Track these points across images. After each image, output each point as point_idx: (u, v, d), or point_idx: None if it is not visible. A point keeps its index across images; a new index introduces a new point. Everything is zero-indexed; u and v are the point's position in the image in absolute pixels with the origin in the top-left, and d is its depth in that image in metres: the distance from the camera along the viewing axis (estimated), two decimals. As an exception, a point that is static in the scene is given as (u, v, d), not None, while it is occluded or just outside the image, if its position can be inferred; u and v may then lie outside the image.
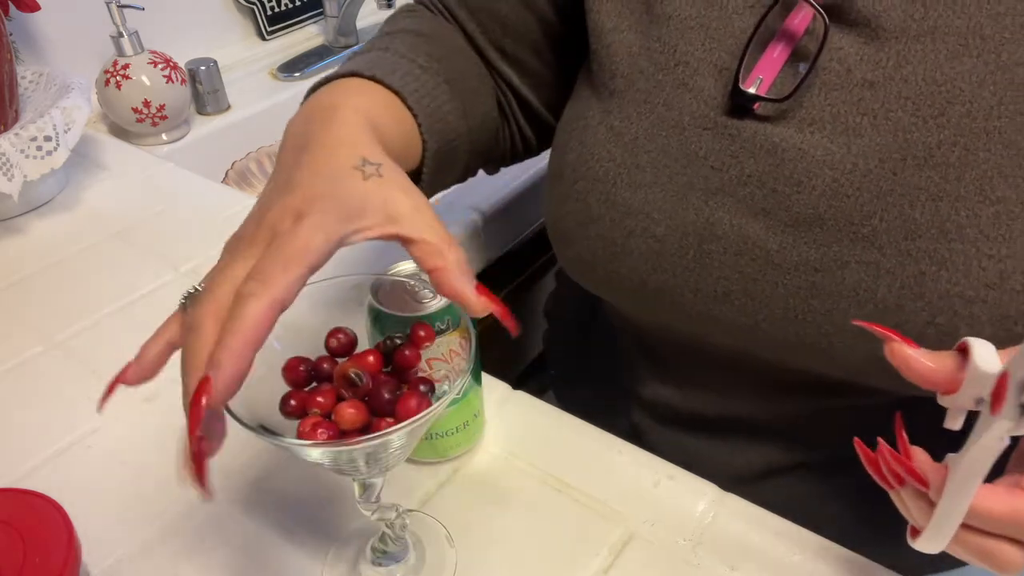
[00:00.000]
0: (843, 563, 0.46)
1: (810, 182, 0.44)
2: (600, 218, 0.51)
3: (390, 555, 0.46)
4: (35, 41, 0.94)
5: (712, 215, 0.47)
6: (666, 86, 0.49)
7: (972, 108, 0.42)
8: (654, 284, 0.50)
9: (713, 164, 0.47)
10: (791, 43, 0.45)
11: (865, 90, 0.44)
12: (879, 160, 0.43)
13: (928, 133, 0.42)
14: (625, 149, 0.50)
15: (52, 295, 0.69)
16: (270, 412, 0.39)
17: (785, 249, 0.46)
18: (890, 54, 0.43)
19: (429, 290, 0.45)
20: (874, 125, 0.43)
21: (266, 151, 1.03)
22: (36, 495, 0.44)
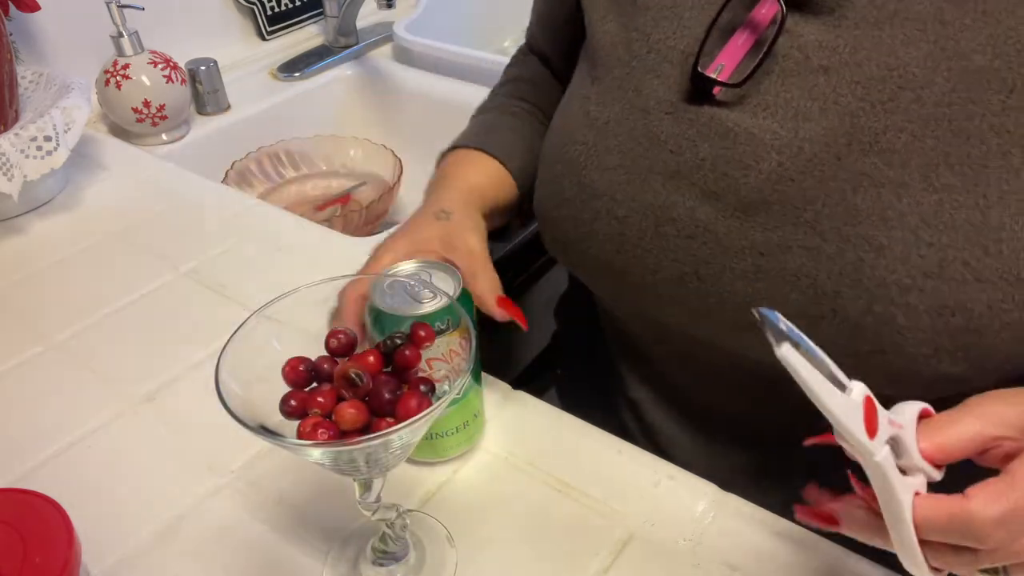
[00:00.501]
0: (843, 563, 0.46)
1: (757, 166, 0.45)
2: (571, 200, 0.52)
3: (390, 555, 0.46)
4: (35, 41, 0.94)
5: (668, 198, 0.48)
6: (638, 72, 0.50)
7: (923, 94, 0.41)
8: (618, 265, 0.51)
9: (672, 148, 0.48)
10: (755, 32, 0.46)
11: (819, 76, 0.44)
12: (824, 145, 0.43)
13: (875, 118, 0.42)
14: (598, 133, 0.51)
15: (52, 295, 0.69)
16: (270, 412, 0.39)
17: (733, 232, 0.46)
18: (847, 40, 0.43)
19: (429, 290, 0.45)
20: (823, 110, 0.43)
21: (266, 151, 1.03)
22: (36, 495, 0.44)
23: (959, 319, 0.41)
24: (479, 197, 0.59)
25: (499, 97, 0.70)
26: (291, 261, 0.72)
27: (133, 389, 0.59)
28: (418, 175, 1.06)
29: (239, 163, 0.99)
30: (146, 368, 0.61)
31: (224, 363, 0.38)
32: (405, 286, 0.46)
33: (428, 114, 1.10)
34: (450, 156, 0.64)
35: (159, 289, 0.69)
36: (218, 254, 0.73)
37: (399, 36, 1.10)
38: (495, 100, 0.70)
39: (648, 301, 0.52)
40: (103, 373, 0.61)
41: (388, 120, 1.15)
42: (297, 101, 1.09)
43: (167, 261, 0.73)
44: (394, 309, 0.44)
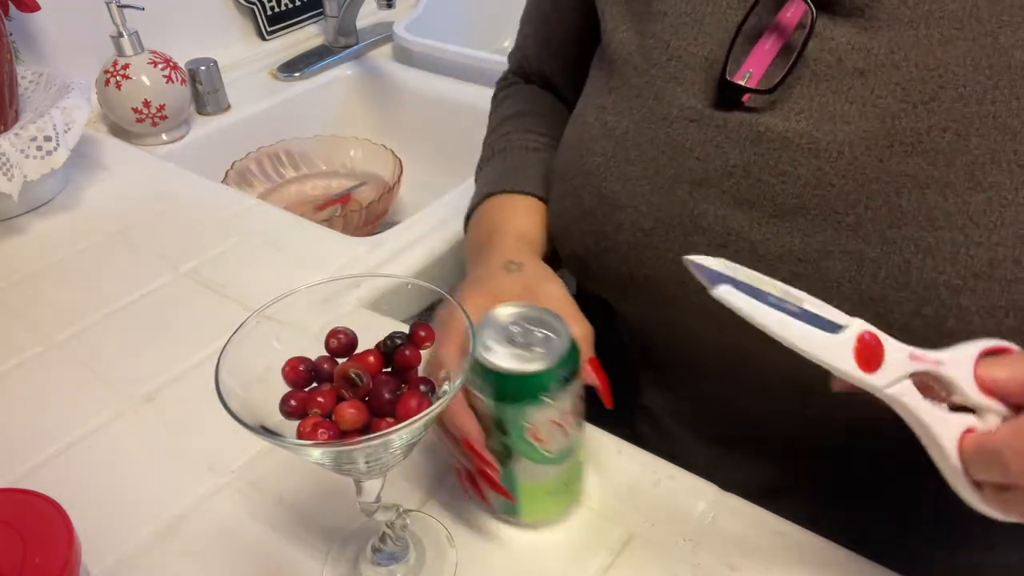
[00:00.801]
0: (843, 563, 0.46)
1: (795, 171, 0.44)
2: (591, 212, 0.51)
3: (390, 555, 0.46)
4: (35, 41, 0.94)
5: (697, 207, 0.47)
6: (657, 80, 0.49)
7: (965, 92, 0.41)
8: (642, 277, 0.50)
9: (699, 156, 0.47)
10: (783, 37, 0.45)
11: (855, 79, 0.43)
12: (865, 147, 0.43)
13: (918, 119, 0.42)
14: (616, 143, 0.50)
15: (52, 295, 0.69)
16: (270, 412, 0.39)
17: (768, 240, 0.45)
18: (882, 41, 0.43)
19: (538, 331, 0.42)
20: (862, 112, 0.43)
21: (266, 151, 1.03)
22: (36, 495, 0.44)
23: (1012, 320, 0.40)
24: (538, 243, 0.56)
25: (511, 136, 0.66)
26: (291, 261, 0.72)
27: (133, 389, 0.59)
28: (418, 175, 1.07)
29: (239, 163, 0.99)
30: (146, 368, 0.61)
31: (224, 363, 0.38)
32: (508, 337, 0.42)
33: (428, 114, 1.10)
34: (485, 206, 0.60)
35: (159, 289, 0.69)
36: (218, 254, 0.73)
37: (399, 36, 1.10)
38: (506, 140, 0.66)
39: (676, 313, 0.51)
40: (103, 373, 0.61)
41: (388, 120, 1.15)
42: (297, 101, 1.09)
43: (167, 261, 0.73)
44: (507, 364, 0.40)
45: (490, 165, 0.65)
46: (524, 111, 0.68)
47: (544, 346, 0.41)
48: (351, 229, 0.90)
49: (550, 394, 0.41)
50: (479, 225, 0.59)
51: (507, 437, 0.43)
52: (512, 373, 0.40)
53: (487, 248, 0.55)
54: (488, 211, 0.60)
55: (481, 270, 0.52)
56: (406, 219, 0.79)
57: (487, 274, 0.51)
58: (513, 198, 0.59)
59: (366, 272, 0.70)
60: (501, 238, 0.55)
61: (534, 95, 0.70)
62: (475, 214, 0.61)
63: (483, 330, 0.42)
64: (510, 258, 0.51)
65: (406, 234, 0.76)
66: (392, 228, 0.78)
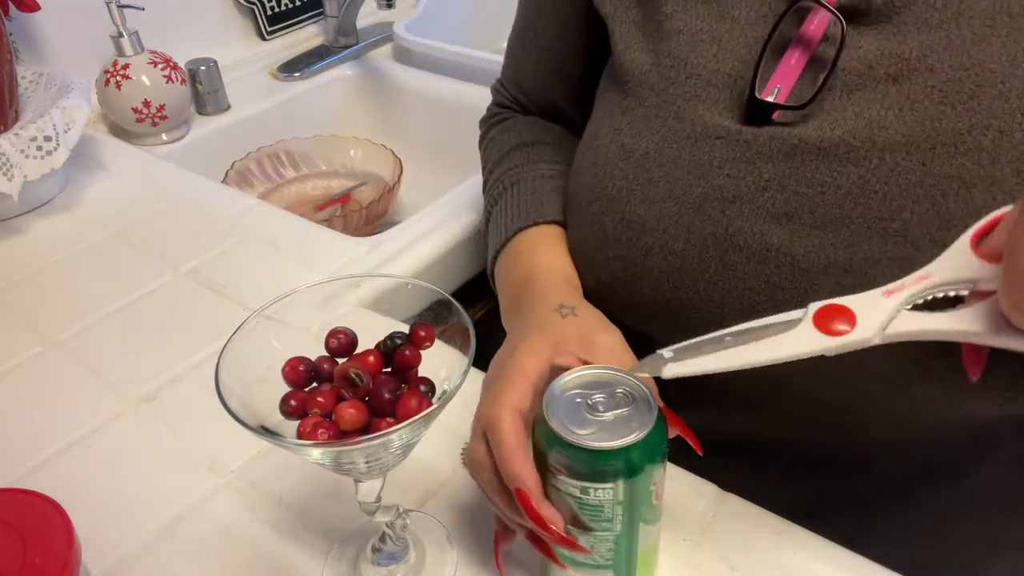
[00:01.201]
0: (843, 563, 0.46)
1: (834, 181, 0.43)
2: (617, 238, 0.49)
3: (390, 555, 0.46)
4: (35, 41, 0.94)
5: (731, 224, 0.46)
6: (677, 99, 0.48)
7: (1004, 89, 0.40)
8: (678, 302, 0.48)
9: (729, 172, 0.46)
10: (808, 50, 0.45)
11: (888, 85, 0.43)
12: (906, 152, 0.42)
13: (958, 119, 0.41)
14: (637, 165, 0.49)
15: (52, 295, 0.69)
16: (270, 412, 0.39)
17: (811, 253, 0.44)
18: (912, 46, 0.42)
19: (613, 391, 0.40)
20: (899, 117, 0.42)
21: (266, 151, 1.03)
22: (36, 495, 0.44)
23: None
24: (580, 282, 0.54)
25: (520, 168, 0.62)
26: (291, 261, 0.72)
27: (133, 389, 0.59)
28: (418, 175, 1.07)
29: (239, 163, 0.99)
30: (146, 368, 0.61)
31: (224, 363, 0.38)
32: (591, 410, 0.39)
33: (428, 114, 1.10)
34: (513, 245, 0.57)
35: (159, 289, 0.69)
36: (218, 254, 0.73)
37: (399, 36, 1.10)
38: (516, 173, 0.62)
39: None
40: (103, 373, 0.61)
41: (388, 120, 1.15)
42: (297, 101, 1.09)
43: (167, 261, 0.73)
44: (633, 436, 0.37)
45: (504, 201, 0.61)
46: (528, 142, 0.65)
47: (632, 402, 0.39)
48: (351, 229, 0.90)
49: (666, 443, 0.39)
50: (512, 267, 0.56)
51: (632, 517, 0.39)
52: (638, 442, 0.37)
53: (530, 291, 0.51)
54: (518, 250, 0.56)
55: (531, 316, 0.48)
56: (406, 219, 0.79)
57: (540, 320, 0.47)
58: (541, 232, 0.56)
59: (366, 272, 0.70)
60: (543, 278, 0.52)
61: (538, 125, 0.67)
62: (502, 256, 0.57)
63: (568, 416, 0.38)
64: (561, 302, 0.48)
65: (406, 234, 0.76)
66: (392, 228, 0.78)
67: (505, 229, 0.58)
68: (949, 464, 0.55)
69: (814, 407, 0.49)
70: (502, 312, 0.54)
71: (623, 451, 0.36)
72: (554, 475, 0.38)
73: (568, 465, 0.37)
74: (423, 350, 0.41)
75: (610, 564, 0.41)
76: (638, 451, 0.37)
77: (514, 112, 0.70)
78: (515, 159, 0.63)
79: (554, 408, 0.38)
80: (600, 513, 0.38)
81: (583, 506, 0.38)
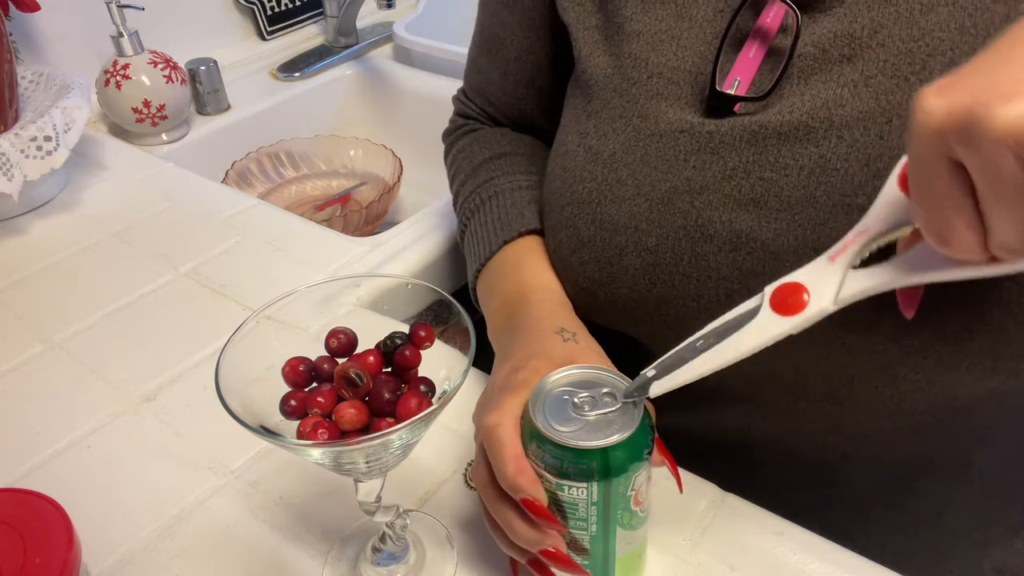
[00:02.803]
0: (843, 563, 0.46)
1: (796, 163, 0.44)
2: (591, 240, 0.50)
3: (390, 555, 0.46)
4: (35, 41, 0.94)
5: (700, 215, 0.46)
6: (640, 99, 0.49)
7: (954, 56, 0.41)
8: (655, 299, 0.49)
9: (694, 164, 0.47)
10: (766, 42, 0.45)
11: (843, 65, 0.43)
12: (863, 128, 0.43)
13: (911, 90, 0.41)
14: (605, 166, 0.49)
15: (52, 295, 0.69)
16: (270, 412, 0.39)
17: (780, 235, 0.45)
18: (863, 23, 0.43)
19: (598, 391, 0.40)
20: (854, 95, 0.43)
21: (266, 151, 1.03)
22: (36, 495, 0.44)
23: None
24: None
25: (495, 181, 0.61)
26: (291, 261, 0.72)
27: (133, 389, 0.59)
28: (418, 175, 1.07)
29: (239, 163, 0.99)
30: (146, 368, 0.61)
31: (224, 363, 0.38)
32: (576, 410, 0.39)
33: (428, 114, 1.10)
34: (497, 260, 0.56)
35: (159, 289, 0.69)
36: (218, 254, 0.73)
37: (399, 36, 1.10)
38: (491, 186, 0.61)
39: (691, 328, 0.50)
40: (103, 373, 0.61)
41: (388, 120, 1.15)
42: (297, 101, 1.09)
43: (167, 261, 0.73)
44: (614, 437, 0.37)
45: (482, 215, 0.60)
46: (501, 153, 0.64)
47: (618, 405, 0.39)
48: (351, 229, 0.90)
49: (649, 448, 0.39)
50: (499, 282, 0.55)
51: (607, 520, 0.39)
52: (619, 442, 0.37)
53: (524, 311, 0.51)
54: (504, 264, 0.56)
55: (531, 337, 0.48)
56: (406, 219, 0.79)
57: (543, 342, 0.47)
58: (525, 244, 0.56)
59: (366, 272, 0.70)
60: (539, 298, 0.52)
61: (508, 136, 0.66)
62: (487, 270, 0.57)
63: (552, 411, 0.38)
64: (562, 326, 0.48)
65: (406, 234, 0.76)
66: (392, 228, 0.78)
67: (488, 243, 0.57)
68: (941, 456, 0.55)
69: (804, 399, 0.50)
70: (489, 329, 0.53)
71: (599, 452, 0.37)
72: (532, 466, 0.39)
73: (544, 459, 0.38)
74: (423, 350, 0.41)
75: (586, 564, 0.41)
76: (614, 454, 0.37)
77: (481, 123, 0.69)
78: (489, 171, 0.62)
79: (540, 402, 0.39)
80: (575, 511, 0.39)
81: (559, 502, 0.39)
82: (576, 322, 0.50)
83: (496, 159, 0.63)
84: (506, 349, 0.48)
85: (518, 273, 0.54)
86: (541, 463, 0.38)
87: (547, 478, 0.38)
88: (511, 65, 0.63)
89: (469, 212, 0.61)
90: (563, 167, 0.52)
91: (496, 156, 0.64)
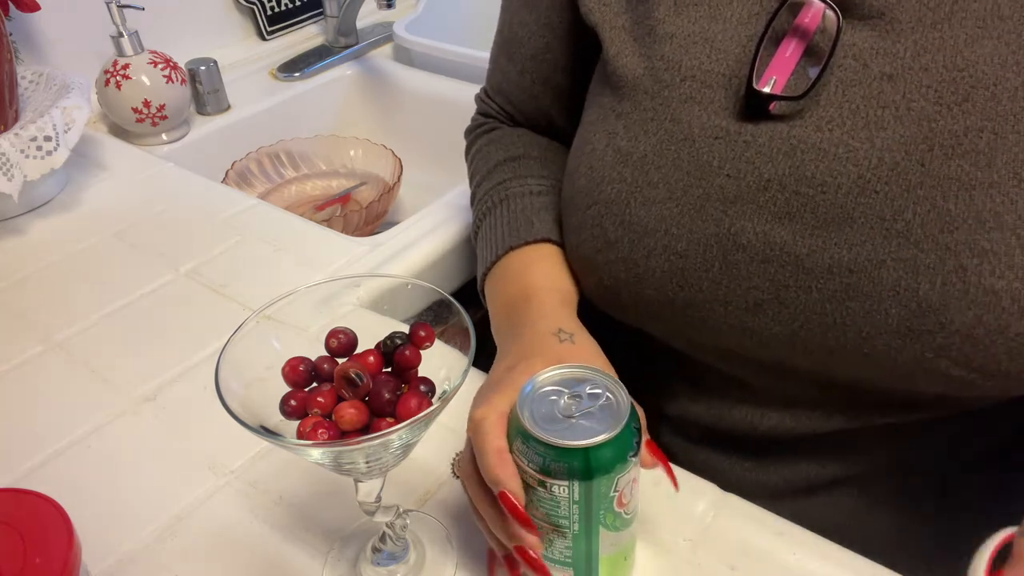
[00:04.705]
0: (843, 563, 0.46)
1: (835, 181, 0.43)
2: (618, 241, 0.50)
3: (390, 555, 0.46)
4: (35, 41, 0.94)
5: (733, 224, 0.46)
6: (672, 102, 0.48)
7: (997, 91, 0.41)
8: (682, 302, 0.49)
9: (728, 172, 0.46)
10: (804, 40, 0.45)
11: (884, 83, 0.43)
12: (905, 152, 0.42)
13: (954, 120, 0.41)
14: (635, 168, 0.49)
15: (52, 295, 0.69)
16: (270, 412, 0.39)
17: (815, 252, 0.44)
18: (907, 44, 0.42)
19: (586, 391, 0.39)
20: (896, 117, 0.42)
21: (266, 151, 1.03)
22: (36, 495, 0.44)
23: None
24: (575, 301, 0.54)
25: (508, 184, 0.62)
26: (291, 261, 0.72)
27: (133, 389, 0.59)
28: (418, 175, 1.07)
29: (239, 163, 0.99)
30: (146, 368, 0.61)
31: (224, 363, 0.38)
32: (564, 409, 0.39)
33: (428, 114, 1.10)
34: (504, 263, 0.57)
35: (159, 289, 0.69)
36: (218, 254, 0.73)
37: (399, 36, 1.10)
38: (503, 189, 0.62)
39: (716, 333, 0.49)
40: (103, 373, 0.61)
41: (388, 120, 1.15)
42: (297, 101, 1.09)
43: (167, 261, 0.73)
44: (599, 436, 0.37)
45: (493, 217, 0.61)
46: (515, 156, 0.65)
47: (604, 402, 0.39)
48: (351, 229, 0.90)
49: (634, 450, 0.38)
50: (503, 285, 0.56)
51: (589, 519, 0.39)
52: (602, 443, 0.36)
53: (525, 311, 0.51)
54: (510, 269, 0.56)
55: (528, 337, 0.48)
56: (406, 219, 0.79)
57: (539, 343, 0.47)
58: (535, 249, 0.57)
59: (366, 272, 0.70)
60: (541, 298, 0.52)
61: (525, 138, 0.67)
62: (493, 273, 0.57)
63: (539, 408, 0.39)
64: (560, 326, 0.49)
65: (406, 234, 0.76)
66: (392, 228, 0.78)
67: (496, 247, 0.58)
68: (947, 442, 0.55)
69: (819, 389, 0.50)
70: (493, 327, 0.54)
71: (581, 451, 0.37)
72: (516, 461, 0.39)
73: (529, 456, 0.38)
74: (423, 350, 0.41)
75: (569, 563, 0.41)
76: (597, 454, 0.37)
77: (500, 122, 0.70)
78: (503, 173, 0.63)
79: (527, 400, 0.39)
80: (556, 509, 0.39)
81: (541, 499, 0.39)
82: (575, 323, 0.50)
83: (510, 161, 0.64)
84: (505, 347, 0.49)
85: (522, 276, 0.55)
86: (525, 460, 0.38)
87: (531, 475, 0.38)
88: (528, 64, 0.64)
89: (482, 213, 0.62)
90: (590, 166, 0.52)
91: (511, 159, 0.64)
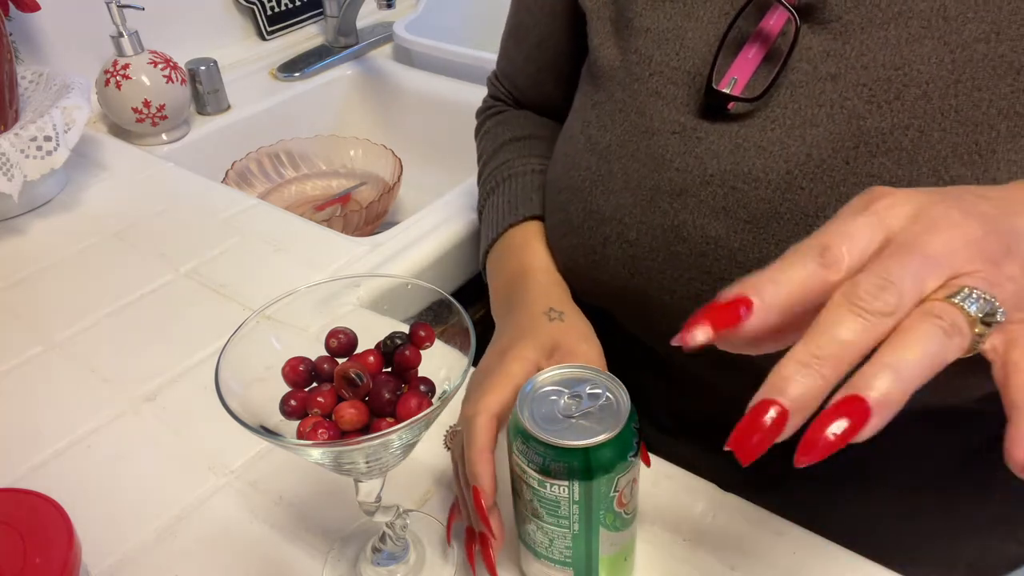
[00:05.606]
0: (842, 562, 0.46)
1: (766, 177, 0.45)
2: (580, 227, 0.52)
3: (390, 555, 0.46)
4: (35, 41, 0.94)
5: (677, 217, 0.48)
6: (640, 95, 0.50)
7: (928, 89, 0.41)
8: (632, 289, 0.51)
9: (679, 167, 0.47)
10: (766, 44, 0.46)
11: (827, 83, 0.44)
12: (832, 150, 0.43)
13: (882, 118, 0.42)
14: (600, 157, 0.51)
15: (52, 295, 0.69)
16: (270, 412, 0.39)
17: (747, 247, 0.46)
18: (854, 45, 0.43)
19: (586, 391, 0.39)
20: (830, 115, 0.43)
21: (266, 151, 1.03)
22: (36, 495, 0.44)
23: None
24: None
25: (512, 163, 0.64)
26: (291, 261, 0.72)
27: (133, 389, 0.59)
28: (418, 175, 1.07)
29: (239, 163, 0.99)
30: (146, 368, 0.61)
31: (224, 363, 0.38)
32: (564, 410, 0.39)
33: (428, 114, 1.10)
34: (505, 240, 0.59)
35: (159, 289, 0.69)
36: (218, 254, 0.73)
37: (399, 36, 1.10)
38: (508, 168, 0.64)
39: (667, 322, 0.50)
40: (103, 373, 0.61)
41: (388, 120, 1.15)
42: (297, 101, 1.09)
43: (167, 261, 0.73)
44: (598, 436, 0.37)
45: (496, 196, 0.63)
46: (521, 136, 0.67)
47: (604, 402, 0.39)
48: (351, 229, 0.90)
49: (634, 450, 0.38)
50: (503, 261, 0.58)
51: (589, 519, 0.39)
52: (602, 443, 0.37)
53: (520, 288, 0.53)
54: (510, 245, 0.58)
55: (521, 316, 0.50)
56: (406, 219, 0.79)
57: (530, 323, 0.49)
58: (532, 227, 0.59)
59: (366, 272, 0.70)
60: (535, 278, 0.54)
61: (531, 120, 0.69)
62: (494, 251, 0.60)
63: (539, 408, 0.39)
64: (551, 305, 0.51)
65: (406, 234, 0.76)
66: (392, 228, 0.78)
67: (497, 224, 0.60)
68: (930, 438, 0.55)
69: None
70: (492, 303, 0.57)
71: (580, 452, 0.37)
72: (517, 461, 0.39)
73: (528, 456, 0.38)
74: (423, 350, 0.41)
75: (569, 562, 0.41)
76: (597, 454, 0.37)
77: (507, 105, 0.72)
78: (508, 153, 0.65)
79: (528, 398, 0.39)
80: (556, 509, 0.39)
81: (541, 499, 0.39)
82: (567, 302, 0.52)
83: (515, 141, 0.66)
84: (501, 325, 0.52)
85: (521, 254, 0.57)
86: (525, 460, 0.38)
87: (531, 475, 0.38)
88: (533, 51, 0.66)
89: (486, 192, 0.65)
90: (565, 152, 0.54)
91: (515, 139, 0.66)
